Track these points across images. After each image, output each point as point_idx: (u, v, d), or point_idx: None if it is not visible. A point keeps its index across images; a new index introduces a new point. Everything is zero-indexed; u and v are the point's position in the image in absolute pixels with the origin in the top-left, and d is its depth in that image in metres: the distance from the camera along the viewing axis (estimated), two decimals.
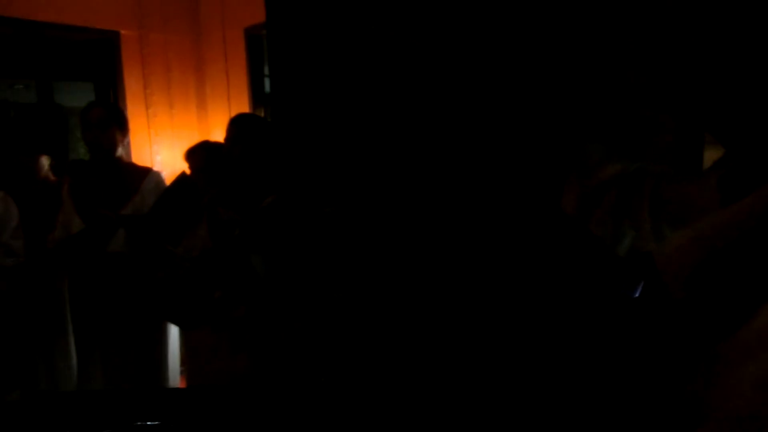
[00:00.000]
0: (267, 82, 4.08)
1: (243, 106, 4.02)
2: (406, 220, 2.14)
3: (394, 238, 2.14)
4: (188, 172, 2.74)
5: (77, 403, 1.48)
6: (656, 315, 1.10)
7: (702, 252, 1.00)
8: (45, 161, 3.11)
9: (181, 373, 2.91)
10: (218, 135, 4.10)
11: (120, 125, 2.73)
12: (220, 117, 4.21)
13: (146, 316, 2.68)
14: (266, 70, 4.04)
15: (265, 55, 3.99)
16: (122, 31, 3.97)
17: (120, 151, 2.76)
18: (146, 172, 2.83)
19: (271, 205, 2.33)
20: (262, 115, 4.05)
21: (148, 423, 1.33)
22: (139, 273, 2.62)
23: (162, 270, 2.48)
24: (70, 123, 5.26)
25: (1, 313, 2.57)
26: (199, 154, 2.70)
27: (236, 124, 2.44)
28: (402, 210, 2.17)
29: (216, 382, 2.47)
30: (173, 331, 2.83)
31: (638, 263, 1.20)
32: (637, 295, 1.22)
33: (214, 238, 2.31)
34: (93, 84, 4.25)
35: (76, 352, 2.92)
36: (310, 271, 1.93)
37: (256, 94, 4.04)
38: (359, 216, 2.35)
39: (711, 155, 1.36)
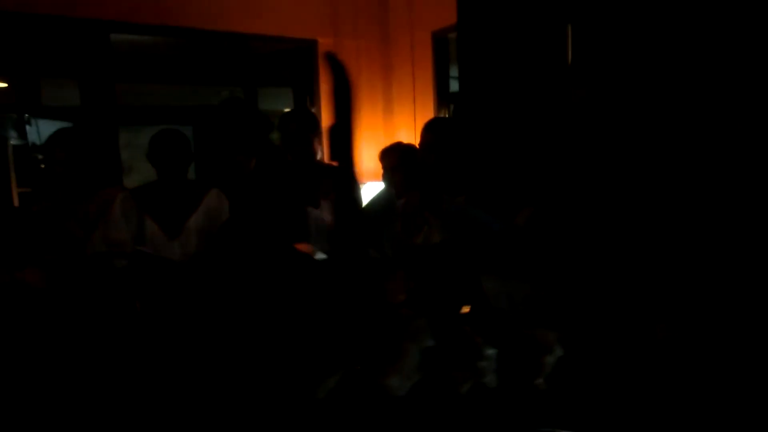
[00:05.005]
0: (451, 84, 4.11)
1: (428, 107, 4.09)
2: (603, 221, 2.00)
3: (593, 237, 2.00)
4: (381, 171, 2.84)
5: None
6: None
7: None
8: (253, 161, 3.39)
9: None
10: (402, 136, 4.21)
11: (316, 133, 2.90)
12: (405, 118, 4.31)
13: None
14: (452, 72, 4.07)
15: (451, 56, 4.01)
16: (319, 39, 4.21)
17: (319, 155, 2.93)
18: None
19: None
20: (446, 115, 4.09)
21: None
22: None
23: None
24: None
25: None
26: (392, 154, 2.78)
27: (431, 130, 2.46)
28: (598, 210, 2.04)
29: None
30: None
31: None
32: None
33: (408, 235, 2.36)
34: (292, 89, 4.56)
35: None
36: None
37: (441, 96, 4.09)
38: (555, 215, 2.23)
39: None
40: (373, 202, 2.73)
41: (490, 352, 1.50)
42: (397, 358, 1.50)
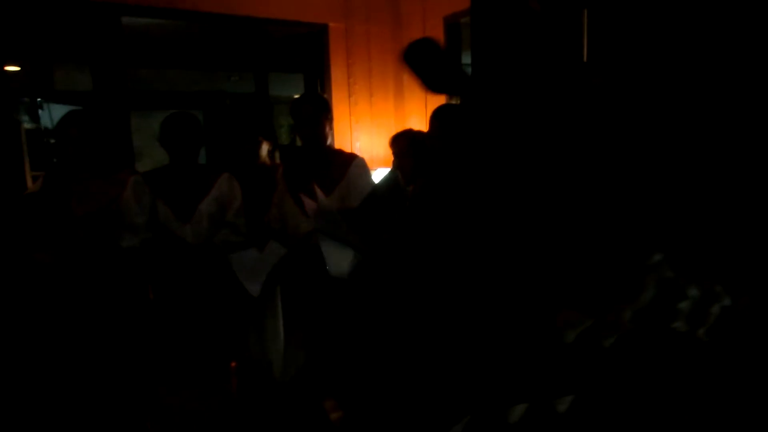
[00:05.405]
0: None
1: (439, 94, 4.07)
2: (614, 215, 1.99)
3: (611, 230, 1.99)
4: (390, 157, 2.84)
5: None
6: None
7: None
8: (265, 146, 3.40)
9: None
10: (413, 123, 4.20)
11: (328, 117, 2.89)
12: (416, 105, 4.30)
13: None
14: (464, 58, 4.04)
15: (464, 42, 3.99)
16: (330, 24, 4.19)
17: (329, 140, 2.93)
18: (352, 158, 2.96)
19: None
20: (457, 102, 4.07)
21: None
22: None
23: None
24: (275, 111, 5.71)
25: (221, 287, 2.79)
26: (402, 141, 2.78)
27: (439, 118, 2.45)
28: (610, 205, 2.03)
29: None
30: None
31: None
32: None
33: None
34: (303, 75, 4.55)
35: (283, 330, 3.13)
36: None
37: None
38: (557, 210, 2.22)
39: None
40: (380, 186, 2.72)
41: (694, 292, 1.32)
42: (635, 292, 1.37)
